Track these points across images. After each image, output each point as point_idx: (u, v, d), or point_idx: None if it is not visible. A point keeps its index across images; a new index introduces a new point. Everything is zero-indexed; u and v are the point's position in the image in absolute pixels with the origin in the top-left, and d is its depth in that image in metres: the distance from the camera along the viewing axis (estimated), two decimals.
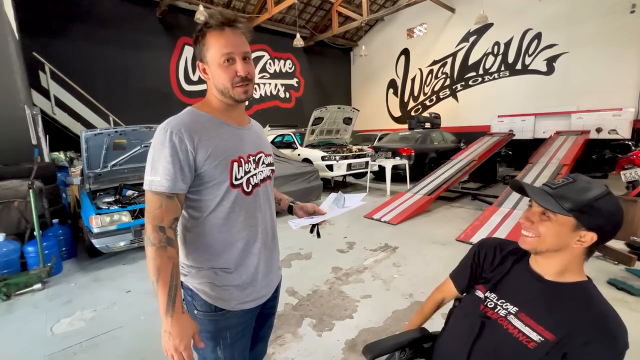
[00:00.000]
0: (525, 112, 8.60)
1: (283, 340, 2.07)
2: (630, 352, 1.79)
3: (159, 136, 0.84)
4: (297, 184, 5.21)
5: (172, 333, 0.81)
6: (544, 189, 0.83)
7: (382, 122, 13.34)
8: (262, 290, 1.02)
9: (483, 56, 10.29)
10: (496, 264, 0.98)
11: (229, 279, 0.94)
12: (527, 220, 0.85)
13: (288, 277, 2.96)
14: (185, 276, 0.96)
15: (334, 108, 7.11)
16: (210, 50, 0.86)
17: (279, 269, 1.14)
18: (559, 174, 4.87)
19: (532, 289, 0.86)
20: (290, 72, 12.57)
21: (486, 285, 0.96)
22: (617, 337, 0.74)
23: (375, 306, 2.45)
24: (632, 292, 2.44)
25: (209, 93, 0.94)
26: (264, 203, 1.01)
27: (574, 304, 0.80)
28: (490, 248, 1.02)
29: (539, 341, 0.80)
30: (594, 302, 0.80)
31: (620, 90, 7.69)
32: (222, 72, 0.87)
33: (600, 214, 0.76)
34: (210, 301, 0.93)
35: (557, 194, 0.80)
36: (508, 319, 0.86)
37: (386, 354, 1.03)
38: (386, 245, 3.69)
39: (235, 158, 0.91)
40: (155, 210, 0.83)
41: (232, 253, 0.94)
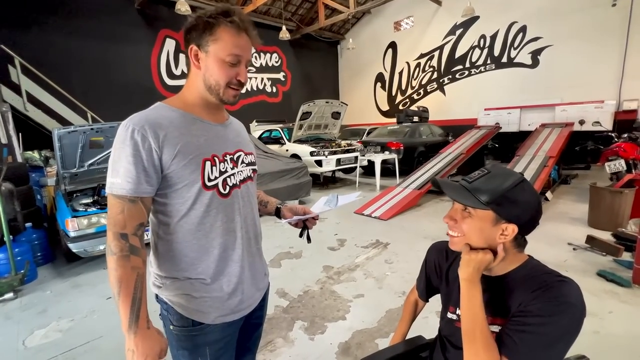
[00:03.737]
0: (511, 105, 8.66)
1: (274, 345, 1.99)
2: (620, 344, 1.78)
3: (120, 134, 0.77)
4: (285, 181, 5.10)
5: (135, 351, 0.74)
6: (462, 184, 0.79)
7: (371, 116, 13.29)
8: (246, 300, 0.93)
9: (469, 49, 10.32)
10: (446, 269, 0.96)
11: (207, 289, 0.86)
12: (451, 220, 0.81)
13: (278, 278, 2.87)
14: (159, 288, 0.88)
15: (322, 102, 7.00)
16: (219, 44, 0.79)
17: (265, 276, 1.05)
18: (546, 166, 4.92)
19: (484, 290, 0.80)
20: (276, 66, 12.32)
21: (453, 303, 0.91)
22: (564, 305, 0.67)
23: (368, 306, 2.39)
24: (621, 284, 2.46)
25: (190, 85, 0.86)
26: (244, 205, 0.93)
27: (522, 290, 0.75)
28: (441, 252, 0.99)
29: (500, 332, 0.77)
30: (539, 278, 0.75)
31: (602, 83, 7.84)
32: (222, 69, 0.81)
33: (516, 203, 0.74)
34: (187, 315, 0.85)
35: (473, 187, 0.77)
36: None
37: None
38: (377, 242, 3.64)
39: (208, 157, 0.84)
40: (116, 215, 0.75)
41: (208, 261, 0.86)
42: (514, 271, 0.81)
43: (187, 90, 0.87)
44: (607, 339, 1.88)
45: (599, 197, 3.69)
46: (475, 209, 0.76)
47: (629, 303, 2.25)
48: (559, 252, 3.10)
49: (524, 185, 0.75)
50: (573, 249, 3.16)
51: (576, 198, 4.97)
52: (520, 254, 0.81)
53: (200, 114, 0.87)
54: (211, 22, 0.79)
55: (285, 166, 5.26)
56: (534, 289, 0.72)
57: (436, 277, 1.00)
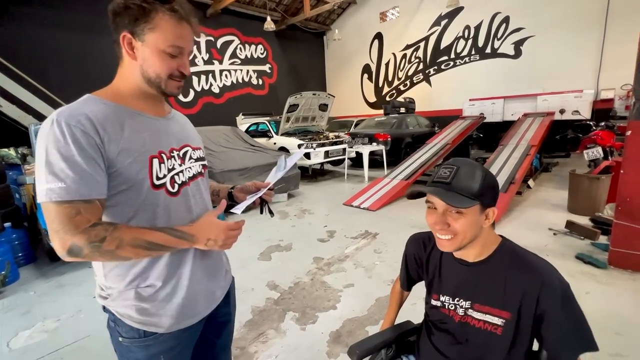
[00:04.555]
0: (495, 95, 8.82)
1: (266, 337, 2.01)
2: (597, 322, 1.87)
3: (54, 132, 0.66)
4: None
5: (210, 236, 0.77)
6: (444, 187, 0.79)
7: (358, 108, 13.30)
8: (203, 303, 0.88)
9: (454, 40, 10.40)
10: (425, 260, 0.98)
11: (158, 297, 0.80)
12: (443, 224, 0.80)
13: (269, 271, 2.88)
14: (104, 299, 0.80)
15: (309, 94, 6.95)
16: (158, 34, 0.72)
17: (227, 273, 1.00)
18: (528, 154, 5.05)
19: (467, 277, 0.87)
20: (262, 58, 12.13)
21: (435, 290, 0.94)
22: (551, 279, 0.76)
23: (358, 295, 2.43)
24: (598, 265, 2.58)
25: (123, 76, 0.78)
26: (196, 203, 0.86)
27: (506, 271, 0.81)
28: (418, 244, 1.01)
29: (502, 324, 0.81)
30: (520, 259, 0.82)
31: (581, 73, 8.06)
32: (162, 61, 0.75)
33: (492, 188, 0.81)
34: (138, 326, 0.79)
35: (459, 187, 0.78)
36: (469, 314, 0.86)
37: (372, 353, 0.98)
38: (366, 232, 3.68)
39: (154, 154, 0.77)
40: (73, 218, 0.65)
41: (158, 266, 0.79)
42: (495, 256, 0.84)
43: (120, 82, 0.79)
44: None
45: (577, 183, 3.82)
46: (463, 209, 0.78)
47: (604, 283, 2.37)
48: (540, 237, 3.21)
49: (486, 169, 0.82)
50: (553, 233, 3.28)
51: (556, 185, 5.13)
52: (494, 233, 0.86)
53: (138, 106, 0.79)
54: (147, 7, 0.71)
55: (272, 159, 5.22)
56: (527, 278, 0.78)
57: (416, 268, 1.03)
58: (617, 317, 1.99)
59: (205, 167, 0.95)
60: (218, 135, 5.96)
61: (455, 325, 0.89)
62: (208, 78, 10.54)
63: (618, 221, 2.50)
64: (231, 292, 1.03)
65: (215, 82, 10.76)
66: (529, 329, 0.80)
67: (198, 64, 10.22)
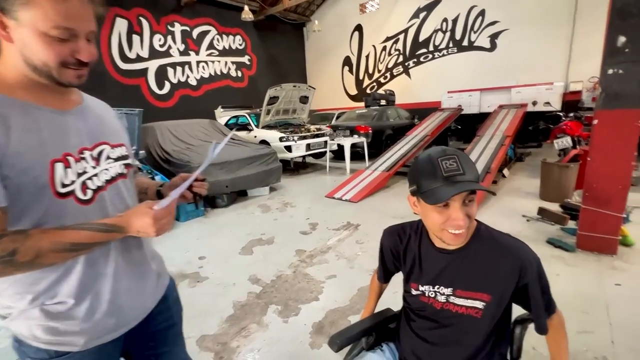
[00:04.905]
0: (472, 87, 9.02)
1: (247, 331, 1.98)
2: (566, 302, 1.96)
3: None
4: (254, 167, 4.99)
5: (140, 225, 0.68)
6: (464, 179, 0.74)
7: (339, 100, 13.27)
8: (128, 315, 0.80)
9: (433, 33, 10.52)
10: (402, 252, 0.97)
11: (70, 315, 0.70)
12: (465, 218, 0.76)
13: (250, 265, 2.85)
14: (3, 319, 0.70)
15: (289, 86, 6.86)
16: (36, 12, 0.58)
17: (159, 277, 0.91)
18: (503, 144, 5.22)
19: (448, 264, 0.87)
20: (240, 49, 11.82)
21: (414, 280, 0.94)
22: (528, 258, 0.80)
23: (340, 285, 2.44)
24: (567, 249, 2.71)
25: (5, 62, 0.64)
26: (115, 209, 0.75)
27: (485, 255, 0.83)
28: (394, 236, 1.00)
29: (483, 307, 0.83)
30: (498, 242, 0.84)
31: (552, 66, 8.36)
32: (48, 46, 0.61)
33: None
34: (46, 347, 0.70)
35: (471, 175, 0.76)
36: (450, 301, 0.87)
37: (353, 342, 0.98)
38: (348, 224, 3.70)
39: (58, 157, 0.65)
40: None
41: (69, 281, 0.69)
42: (474, 241, 0.85)
43: (3, 68, 0.64)
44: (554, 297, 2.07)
45: (548, 171, 3.99)
46: (475, 193, 0.78)
47: (573, 265, 2.50)
48: (515, 224, 3.34)
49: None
50: (527, 220, 3.42)
51: (529, 174, 5.34)
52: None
53: (31, 98, 0.65)
54: None
55: (253, 152, 5.13)
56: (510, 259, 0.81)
57: (393, 261, 1.03)
58: (584, 296, 2.10)
59: (130, 167, 0.84)
60: (196, 128, 5.80)
61: (435, 312, 0.90)
62: (184, 70, 10.18)
63: (585, 206, 2.63)
64: (170, 295, 0.95)
65: (192, 73, 10.41)
66: (507, 308, 0.85)
67: (173, 54, 9.84)
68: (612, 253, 2.57)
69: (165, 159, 4.84)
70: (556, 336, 0.85)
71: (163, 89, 9.71)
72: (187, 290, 2.50)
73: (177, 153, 4.83)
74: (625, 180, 2.45)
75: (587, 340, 1.72)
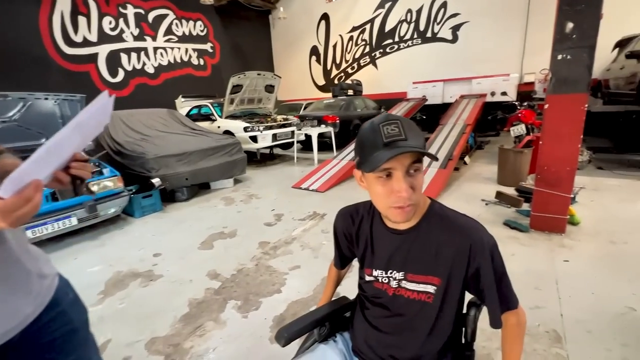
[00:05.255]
0: (435, 78, 9.25)
1: (203, 330, 1.85)
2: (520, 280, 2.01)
3: None
4: (216, 159, 4.75)
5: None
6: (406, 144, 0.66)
7: (308, 91, 13.08)
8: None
9: (398, 23, 10.60)
10: (355, 234, 0.90)
11: None
12: (409, 188, 0.68)
13: (209, 260, 2.69)
14: None
15: (253, 74, 6.60)
16: None
17: (41, 279, 0.75)
18: (464, 132, 5.39)
19: (399, 246, 0.80)
20: (202, 36, 11.20)
21: (368, 265, 0.88)
22: (480, 238, 0.74)
23: (304, 276, 2.37)
24: (521, 229, 2.83)
25: None
26: None
27: (436, 235, 0.77)
28: (346, 218, 0.92)
29: (434, 291, 0.77)
30: (449, 221, 0.78)
31: (508, 58, 8.75)
32: None
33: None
34: None
35: (414, 141, 0.67)
36: (402, 286, 0.81)
37: (302, 334, 0.90)
38: (314, 213, 3.63)
39: None
40: None
41: None
42: (425, 220, 0.79)
43: None
44: (510, 276, 2.13)
45: (505, 157, 4.17)
46: (421, 160, 0.70)
47: (526, 245, 2.61)
48: (474, 208, 3.44)
49: None
50: (485, 204, 3.54)
51: (488, 161, 5.58)
52: (423, 195, 0.80)
53: None
54: None
55: (215, 143, 4.88)
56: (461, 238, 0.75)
57: (347, 245, 0.95)
58: (536, 273, 2.19)
59: None
60: (152, 118, 5.41)
61: (388, 299, 0.83)
62: (140, 56, 9.46)
63: (537, 188, 2.74)
64: (62, 299, 0.80)
65: (149, 60, 9.71)
66: (459, 292, 0.78)
67: (127, 39, 9.10)
68: (561, 232, 2.72)
69: (117, 151, 4.46)
70: (511, 338, 0.78)
71: (116, 77, 8.97)
72: (137, 291, 2.31)
73: (130, 144, 4.47)
74: (572, 162, 2.58)
75: (539, 315, 1.78)
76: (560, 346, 1.57)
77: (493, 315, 0.77)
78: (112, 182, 3.44)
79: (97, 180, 3.35)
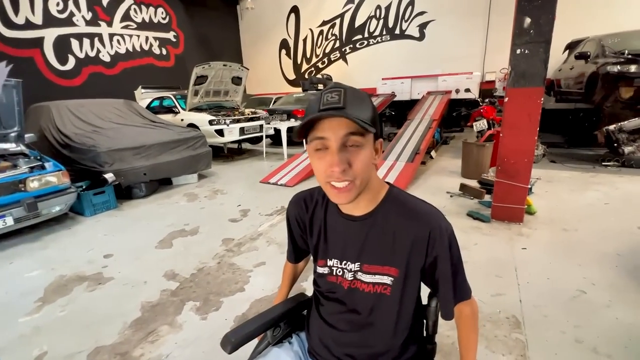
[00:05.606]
0: (404, 75, 9.40)
1: (156, 335, 1.70)
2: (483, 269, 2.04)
3: None
4: (179, 152, 4.48)
5: None
6: (339, 112, 0.58)
7: (278, 85, 12.83)
8: None
9: (367, 19, 10.66)
10: (309, 221, 0.82)
11: None
12: (343, 163, 0.60)
13: (167, 259, 2.51)
14: None
15: (219, 65, 6.32)
16: None
17: None
18: (430, 127, 5.51)
19: (355, 234, 0.73)
20: (164, 24, 10.57)
21: (321, 255, 0.80)
22: (439, 225, 0.68)
23: (269, 272, 2.27)
24: (483, 220, 2.92)
25: None
26: None
27: (393, 222, 0.70)
28: (299, 205, 0.84)
29: (391, 282, 0.71)
30: (407, 207, 0.71)
31: (471, 56, 9.10)
32: None
33: (378, 115, 0.64)
34: None
35: (353, 112, 0.58)
36: (358, 278, 0.74)
37: (252, 338, 0.81)
38: (282, 208, 3.53)
39: None
40: None
41: None
42: (383, 206, 0.72)
43: None
44: (473, 265, 2.19)
45: (468, 151, 4.30)
46: (364, 135, 0.61)
47: (488, 235, 2.68)
48: (440, 200, 3.51)
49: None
50: (450, 196, 3.63)
51: (453, 155, 5.76)
52: (380, 180, 0.74)
53: None
54: None
55: (177, 136, 4.60)
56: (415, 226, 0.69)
57: (300, 233, 0.87)
58: (497, 261, 2.25)
59: None
60: (106, 109, 5.00)
61: (344, 293, 0.76)
62: (93, 42, 8.73)
63: (498, 179, 2.83)
64: None
65: (104, 48, 8.99)
66: (418, 283, 0.73)
67: (78, 23, 8.35)
68: (520, 221, 2.83)
69: (65, 144, 4.06)
70: (466, 328, 0.76)
71: (66, 65, 8.22)
72: (83, 296, 2.09)
73: (80, 137, 4.08)
74: (530, 154, 2.69)
75: (500, 302, 1.82)
76: (519, 331, 1.60)
77: (446, 307, 0.72)
78: (55, 178, 3.11)
79: (38, 175, 3.02)
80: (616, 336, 1.54)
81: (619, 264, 2.14)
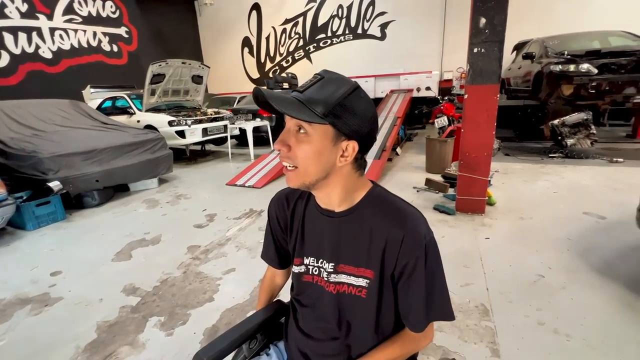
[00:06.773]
0: (367, 74, 9.58)
1: (115, 357, 1.54)
2: (451, 260, 2.11)
3: None
4: (135, 156, 4.17)
5: None
6: (295, 96, 0.60)
7: (241, 84, 12.48)
8: None
9: (330, 18, 10.71)
10: (290, 219, 0.78)
11: None
12: (283, 145, 0.62)
13: (126, 272, 2.31)
14: None
15: (177, 63, 5.99)
16: None
17: None
18: (395, 125, 5.65)
19: (332, 231, 0.70)
20: (114, 18, 9.84)
21: (298, 253, 0.76)
22: (416, 229, 0.63)
23: (240, 279, 2.17)
24: (449, 213, 3.03)
25: None
26: None
27: (371, 221, 0.66)
28: (280, 201, 0.80)
29: (367, 284, 0.67)
30: (386, 206, 0.67)
31: (430, 56, 9.50)
32: None
33: (355, 114, 0.59)
34: None
35: (306, 97, 0.58)
36: (332, 281, 0.70)
37: (227, 354, 0.74)
38: (251, 211, 3.41)
39: None
40: None
41: None
42: (362, 204, 0.68)
43: None
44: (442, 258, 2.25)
45: (431, 147, 4.46)
46: (312, 124, 0.58)
47: (454, 227, 2.79)
48: (407, 195, 3.60)
49: (360, 92, 0.61)
50: (417, 191, 3.73)
51: (417, 151, 5.95)
52: (363, 179, 0.70)
53: None
54: None
55: (133, 138, 4.28)
56: (394, 225, 0.63)
57: (282, 233, 0.82)
58: (464, 252, 2.34)
59: None
60: (49, 110, 4.53)
61: (319, 295, 0.72)
62: (31, 37, 7.90)
63: (461, 173, 2.96)
64: None
65: (44, 43, 8.17)
66: (393, 287, 0.68)
67: (11, 15, 7.50)
68: (482, 212, 2.98)
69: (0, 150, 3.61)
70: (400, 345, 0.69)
71: None
72: (26, 321, 1.85)
73: (18, 142, 3.65)
74: (489, 148, 2.83)
75: (469, 292, 1.89)
76: (488, 319, 1.67)
77: (415, 316, 0.66)
78: None
79: None
80: (573, 316, 1.65)
81: (570, 247, 2.32)
